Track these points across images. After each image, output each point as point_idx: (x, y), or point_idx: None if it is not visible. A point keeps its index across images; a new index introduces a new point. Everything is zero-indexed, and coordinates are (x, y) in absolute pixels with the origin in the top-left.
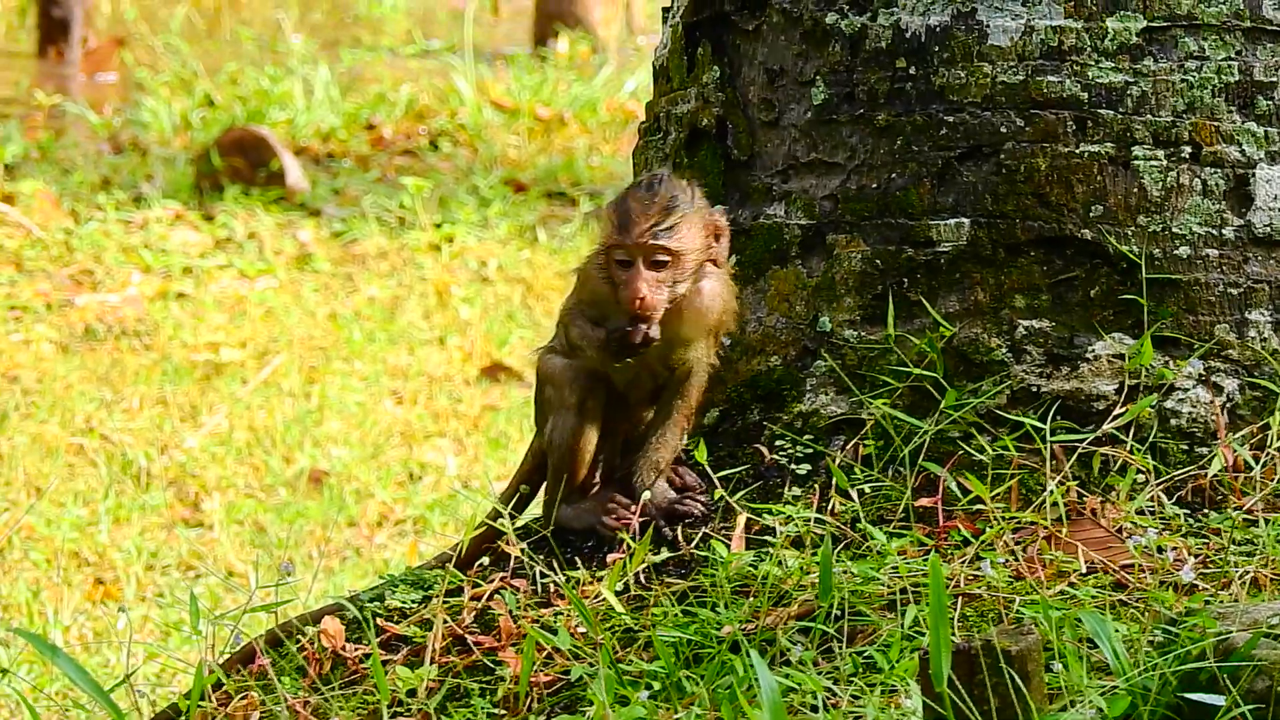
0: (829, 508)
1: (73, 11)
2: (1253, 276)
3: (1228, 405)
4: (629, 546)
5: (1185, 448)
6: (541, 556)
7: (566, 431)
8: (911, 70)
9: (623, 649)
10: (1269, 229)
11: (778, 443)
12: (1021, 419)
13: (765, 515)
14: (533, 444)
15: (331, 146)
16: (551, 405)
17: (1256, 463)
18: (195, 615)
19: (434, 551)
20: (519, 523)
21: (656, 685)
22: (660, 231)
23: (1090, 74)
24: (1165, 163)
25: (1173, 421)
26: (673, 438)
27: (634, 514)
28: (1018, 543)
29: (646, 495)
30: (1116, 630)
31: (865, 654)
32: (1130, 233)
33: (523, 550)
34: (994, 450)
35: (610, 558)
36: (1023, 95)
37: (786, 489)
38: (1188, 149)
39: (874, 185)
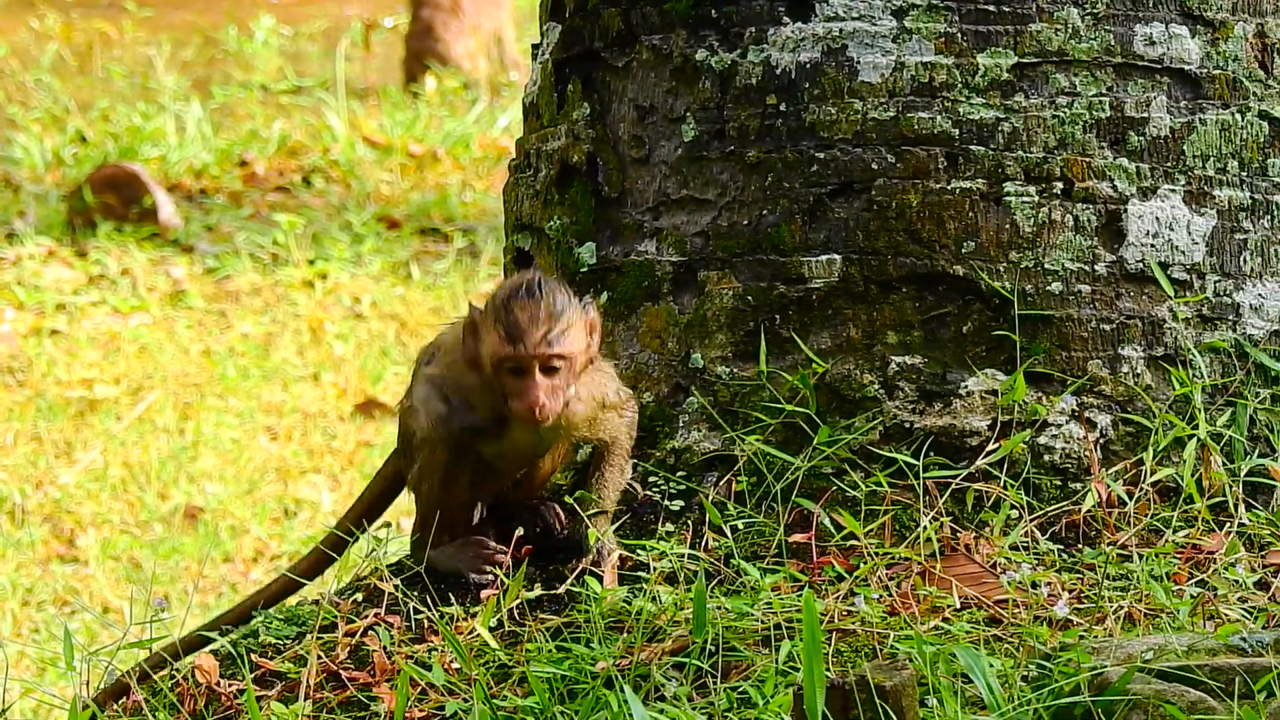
0: (702, 544)
1: None
2: (1125, 312)
3: (1101, 441)
4: (502, 583)
5: (1059, 483)
6: (415, 593)
7: (435, 486)
8: (782, 107)
9: (497, 685)
10: (1141, 265)
11: (650, 479)
12: (894, 455)
13: (639, 551)
14: (384, 468)
15: (204, 183)
16: (420, 454)
17: (1130, 498)
18: (70, 651)
19: (310, 588)
20: (392, 559)
21: None
22: (555, 338)
23: (961, 110)
24: (1037, 199)
25: (1046, 457)
26: (613, 479)
27: (505, 557)
28: (891, 578)
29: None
30: (991, 665)
31: (740, 689)
32: (1002, 269)
33: (396, 586)
34: (867, 486)
35: (484, 594)
36: (894, 132)
37: (660, 525)
38: (1059, 185)
39: (745, 222)
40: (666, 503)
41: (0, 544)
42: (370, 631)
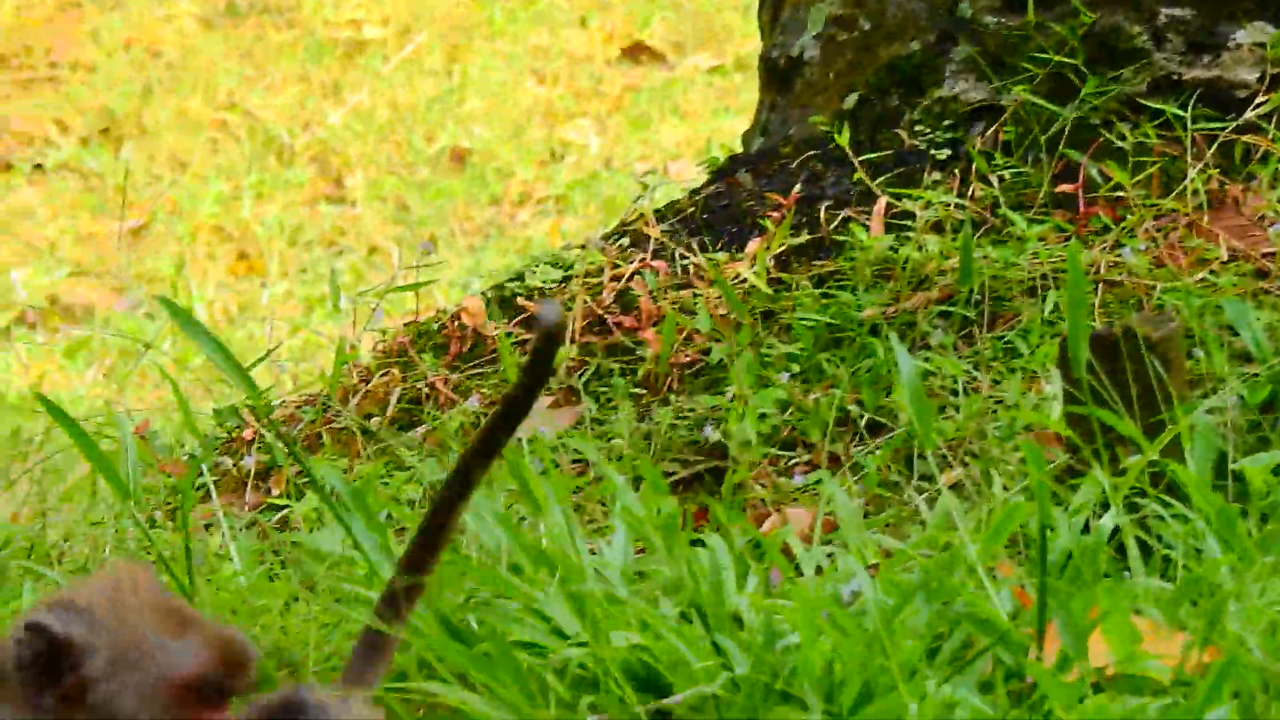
0: (969, 193)
1: None
2: None
3: None
4: (769, 231)
5: None
6: (683, 237)
7: None
8: None
9: (762, 331)
10: None
11: (917, 128)
12: (1162, 107)
13: (905, 200)
14: None
15: None
16: None
17: None
18: (336, 291)
19: (577, 231)
20: (658, 205)
21: (796, 368)
22: None
23: None
24: None
25: None
26: None
27: None
28: (1158, 230)
29: None
30: (1258, 318)
31: (1005, 339)
32: None
33: (663, 231)
34: (1134, 137)
35: (751, 243)
36: None
37: (926, 174)
38: None
39: None
40: (933, 152)
41: (268, 183)
42: (636, 276)
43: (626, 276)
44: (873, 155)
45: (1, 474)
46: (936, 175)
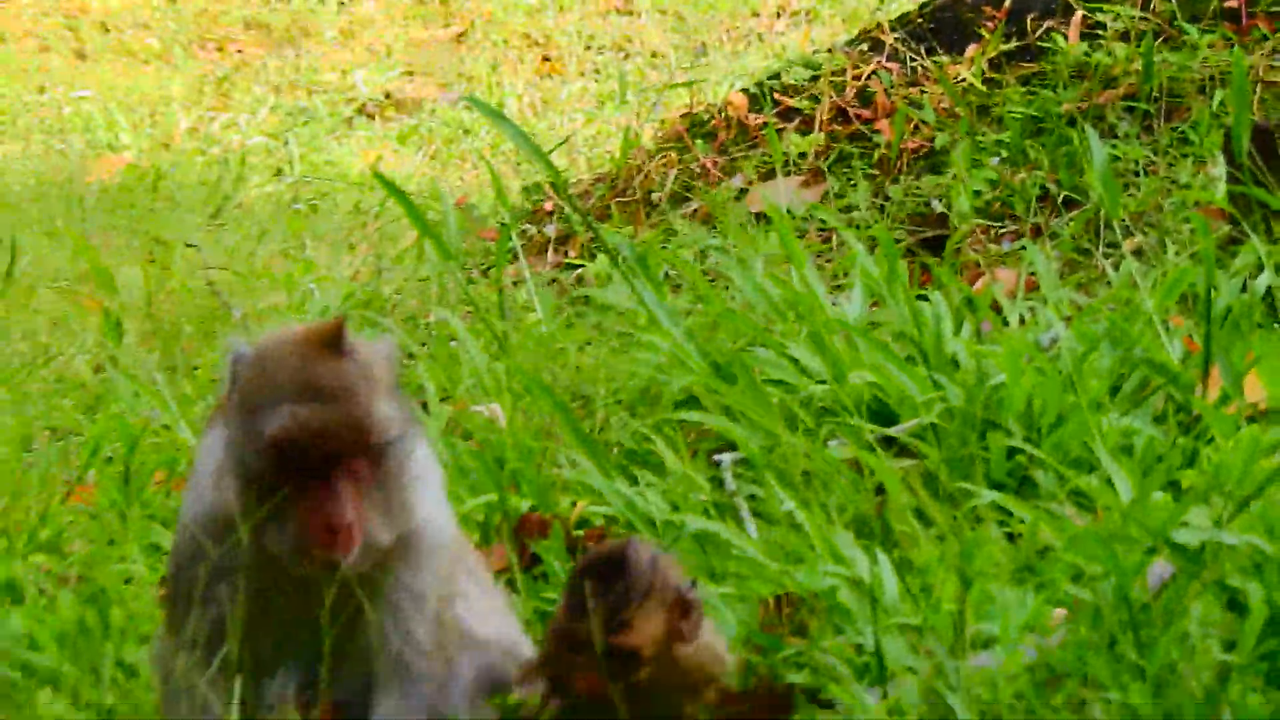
0: (1151, 7)
1: None
2: None
3: None
4: (984, 39)
5: None
6: (912, 43)
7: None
8: None
9: (977, 123)
10: None
11: None
12: None
13: (1098, 13)
14: None
15: None
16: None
17: None
18: (624, 87)
19: (824, 39)
20: (893, 17)
21: (1005, 153)
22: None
23: None
24: None
25: None
26: None
27: None
28: None
29: None
30: None
31: (1179, 130)
32: None
33: (896, 38)
34: None
35: (969, 48)
36: None
37: None
38: None
39: None
40: None
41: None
42: (874, 76)
43: (865, 76)
44: None
45: (345, 239)
46: None
